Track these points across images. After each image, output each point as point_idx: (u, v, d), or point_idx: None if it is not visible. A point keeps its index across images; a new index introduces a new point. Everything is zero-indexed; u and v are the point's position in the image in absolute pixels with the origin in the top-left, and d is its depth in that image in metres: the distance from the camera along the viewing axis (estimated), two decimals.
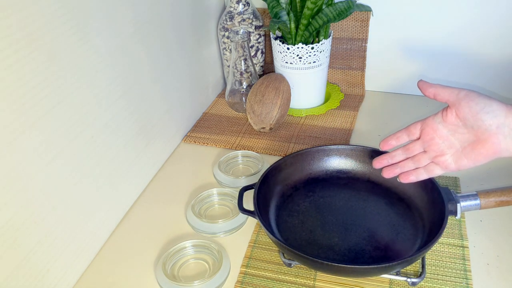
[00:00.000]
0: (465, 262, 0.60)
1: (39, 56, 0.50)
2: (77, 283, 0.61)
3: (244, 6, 0.94)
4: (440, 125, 0.58)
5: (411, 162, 0.61)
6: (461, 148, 0.56)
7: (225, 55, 1.00)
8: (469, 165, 0.56)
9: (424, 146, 0.60)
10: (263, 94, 0.85)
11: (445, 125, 0.57)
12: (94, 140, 0.62)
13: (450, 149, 0.57)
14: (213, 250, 0.62)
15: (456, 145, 0.57)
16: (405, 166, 0.62)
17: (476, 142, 0.54)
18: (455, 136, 0.57)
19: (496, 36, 0.87)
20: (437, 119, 0.58)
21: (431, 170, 0.60)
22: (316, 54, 0.88)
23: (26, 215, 0.52)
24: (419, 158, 0.61)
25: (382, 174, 0.64)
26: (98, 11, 0.60)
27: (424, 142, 0.60)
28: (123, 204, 0.72)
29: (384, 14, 0.92)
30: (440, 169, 0.59)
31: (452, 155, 0.57)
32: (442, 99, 0.56)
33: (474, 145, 0.55)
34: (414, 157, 0.61)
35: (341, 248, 0.61)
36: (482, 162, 0.55)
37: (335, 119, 0.92)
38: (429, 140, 0.59)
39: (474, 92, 0.54)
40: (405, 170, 0.62)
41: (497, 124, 0.51)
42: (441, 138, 0.58)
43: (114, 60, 0.65)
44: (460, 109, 0.54)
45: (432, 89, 0.57)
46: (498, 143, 0.52)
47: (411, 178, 0.61)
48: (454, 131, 0.56)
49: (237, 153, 0.82)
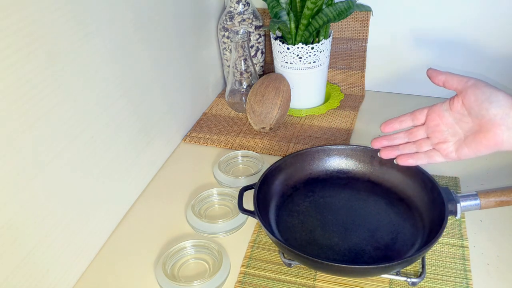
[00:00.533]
0: (465, 262, 0.60)
1: (39, 56, 0.50)
2: (77, 283, 0.61)
3: (244, 6, 0.94)
4: (447, 112, 0.58)
5: (413, 146, 0.61)
6: (464, 137, 0.56)
7: (225, 55, 1.00)
8: (469, 155, 0.56)
9: (427, 132, 0.60)
10: (263, 94, 0.85)
11: (451, 113, 0.57)
12: (94, 140, 0.62)
13: (453, 137, 0.58)
14: (213, 250, 0.62)
15: (459, 134, 0.57)
16: (405, 149, 0.61)
17: (478, 131, 0.54)
18: (460, 124, 0.57)
19: (500, 33, 0.86)
20: (444, 107, 0.58)
21: (431, 156, 0.60)
22: (316, 54, 0.88)
23: (26, 215, 0.52)
24: (420, 143, 0.60)
25: (380, 154, 0.63)
26: (98, 11, 0.60)
27: (428, 128, 0.60)
28: (123, 204, 0.72)
29: (384, 14, 0.92)
30: (441, 156, 0.59)
31: (454, 143, 0.58)
32: (451, 87, 0.56)
33: (477, 134, 0.54)
34: (416, 142, 0.61)
35: (341, 248, 0.61)
36: (483, 153, 0.55)
37: (335, 119, 0.92)
38: (434, 126, 0.59)
39: (482, 81, 0.54)
40: (405, 152, 0.61)
41: (501, 114, 0.51)
42: (446, 125, 0.58)
43: (114, 60, 0.65)
44: (466, 97, 0.54)
45: (442, 76, 0.57)
46: (501, 134, 0.52)
47: (409, 161, 0.61)
48: (459, 119, 0.56)
49: (237, 153, 0.82)
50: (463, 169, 0.76)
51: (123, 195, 0.72)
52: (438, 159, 0.59)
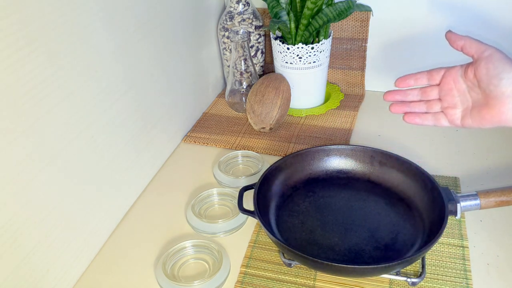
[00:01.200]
0: (465, 262, 0.60)
1: (39, 56, 0.50)
2: (77, 283, 0.61)
3: (244, 6, 0.94)
4: (461, 78, 0.57)
5: (424, 105, 0.61)
6: (472, 107, 0.56)
7: (225, 55, 1.00)
8: (472, 125, 0.56)
9: (440, 94, 0.59)
10: (263, 94, 0.85)
11: (465, 80, 0.57)
12: (94, 140, 0.62)
13: (462, 104, 0.57)
14: (213, 250, 0.62)
15: (468, 102, 0.57)
16: (415, 107, 0.61)
17: (485, 105, 0.53)
18: (470, 93, 0.56)
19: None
20: (460, 72, 0.57)
21: (438, 119, 0.60)
22: (316, 54, 0.88)
23: (26, 215, 0.52)
24: (432, 104, 0.60)
25: (390, 109, 0.63)
26: (99, 11, 0.60)
27: (441, 90, 0.59)
28: (123, 204, 0.72)
29: (384, 14, 0.91)
30: (447, 121, 0.59)
31: (462, 111, 0.57)
32: (469, 53, 0.55)
33: (482, 107, 0.54)
34: (427, 101, 0.60)
35: (341, 248, 0.61)
36: (485, 126, 0.54)
37: (335, 119, 0.92)
38: (447, 89, 0.58)
39: (499, 54, 0.52)
40: (414, 110, 0.61)
41: (509, 92, 0.50)
42: (459, 91, 0.57)
43: (114, 60, 0.65)
44: (478, 68, 0.53)
45: (461, 41, 0.56)
46: (505, 112, 0.51)
47: (416, 120, 0.61)
48: (471, 88, 0.56)
49: (237, 153, 0.82)
50: (463, 169, 0.76)
51: (123, 195, 0.72)
52: (444, 123, 0.59)
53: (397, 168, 0.69)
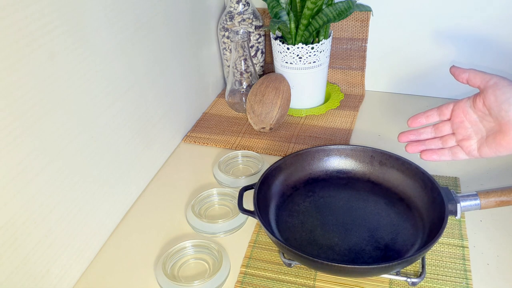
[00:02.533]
0: (465, 262, 0.60)
1: (38, 57, 0.50)
2: (77, 283, 0.61)
3: (244, 6, 0.94)
4: (471, 109, 0.57)
5: (439, 141, 0.61)
6: (486, 136, 0.56)
7: (225, 55, 1.00)
8: (490, 154, 0.56)
9: (453, 128, 0.60)
10: (263, 94, 0.85)
11: (475, 111, 0.57)
12: (94, 140, 0.62)
13: (477, 135, 0.57)
14: (213, 250, 0.62)
15: (482, 132, 0.57)
16: (431, 144, 0.61)
17: (499, 132, 0.54)
18: (483, 123, 0.56)
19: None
20: (468, 103, 0.58)
21: (455, 153, 0.60)
22: (316, 54, 0.88)
23: (26, 215, 0.52)
24: (446, 139, 0.60)
25: (406, 149, 0.63)
26: (98, 11, 0.60)
27: (453, 124, 0.59)
28: (123, 204, 0.72)
29: (384, 14, 0.92)
30: (464, 153, 0.59)
31: (477, 142, 0.57)
32: (474, 85, 0.56)
33: (497, 135, 0.54)
34: (442, 137, 0.61)
35: (341, 248, 0.61)
36: (503, 154, 0.55)
37: (335, 119, 0.92)
38: (459, 122, 0.59)
39: (505, 80, 0.53)
40: (430, 147, 0.61)
41: None
42: (470, 122, 0.58)
43: (114, 60, 0.65)
44: (487, 96, 0.54)
45: (465, 74, 0.56)
46: None
47: (433, 157, 0.61)
48: (482, 118, 0.56)
49: (237, 153, 0.82)
50: (463, 169, 0.76)
51: (123, 195, 0.72)
52: (462, 156, 0.59)
53: (397, 168, 0.69)
